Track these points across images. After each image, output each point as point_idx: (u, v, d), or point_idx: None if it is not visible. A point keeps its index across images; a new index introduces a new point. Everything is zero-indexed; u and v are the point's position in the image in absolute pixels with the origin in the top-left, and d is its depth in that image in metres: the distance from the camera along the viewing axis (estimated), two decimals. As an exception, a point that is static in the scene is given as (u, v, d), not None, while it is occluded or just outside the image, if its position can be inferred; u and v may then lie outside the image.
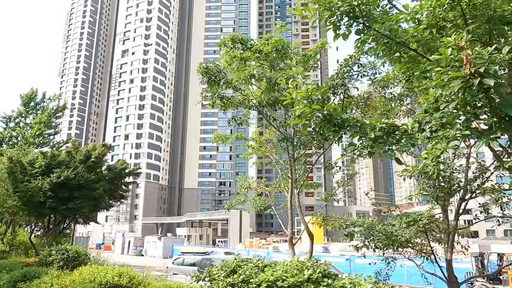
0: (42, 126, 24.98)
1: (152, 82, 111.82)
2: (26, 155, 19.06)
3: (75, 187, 18.11)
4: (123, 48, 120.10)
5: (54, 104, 27.62)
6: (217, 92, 12.27)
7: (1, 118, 26.44)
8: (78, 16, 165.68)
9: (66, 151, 19.15)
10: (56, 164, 18.17)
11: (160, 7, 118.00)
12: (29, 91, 26.79)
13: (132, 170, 23.26)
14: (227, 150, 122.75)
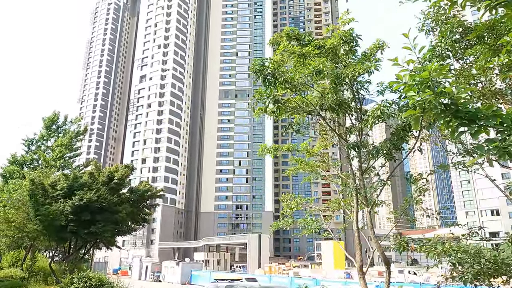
0: (64, 148, 24.84)
1: (169, 106, 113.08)
2: (48, 177, 18.67)
3: (97, 210, 17.55)
4: (141, 73, 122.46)
5: (75, 127, 27.60)
6: (271, 95, 10.60)
7: (24, 141, 26.49)
8: (98, 44, 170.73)
9: (89, 173, 18.73)
10: (78, 186, 17.73)
11: (177, 33, 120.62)
12: (52, 114, 26.90)
13: (155, 192, 22.64)
14: (244, 172, 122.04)
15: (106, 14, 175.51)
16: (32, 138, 26.71)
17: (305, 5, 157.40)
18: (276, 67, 10.38)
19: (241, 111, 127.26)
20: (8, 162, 26.18)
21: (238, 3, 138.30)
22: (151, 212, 24.47)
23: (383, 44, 11.34)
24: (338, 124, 12.54)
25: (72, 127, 27.28)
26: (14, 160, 25.93)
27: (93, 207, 17.00)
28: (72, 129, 27.10)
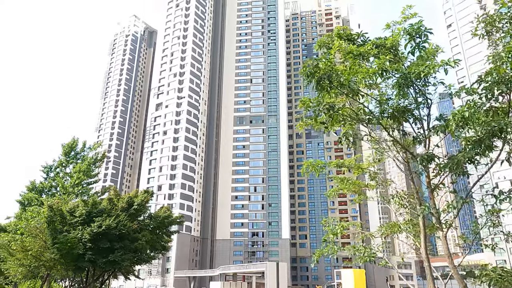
0: (82, 175, 24.68)
1: (184, 133, 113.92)
2: (66, 203, 18.32)
3: (116, 238, 16.99)
4: (157, 101, 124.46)
5: (94, 153, 27.55)
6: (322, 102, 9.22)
7: (43, 167, 26.48)
8: (116, 74, 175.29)
9: (108, 198, 18.28)
10: (97, 212, 17.28)
11: (192, 62, 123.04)
12: (71, 141, 26.97)
13: (174, 218, 22.00)
14: (259, 199, 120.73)
15: (124, 45, 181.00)
16: (51, 164, 26.72)
17: (317, 32, 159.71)
18: (332, 68, 9.14)
19: (256, 137, 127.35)
20: (27, 189, 26.17)
21: (252, 31, 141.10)
22: (171, 240, 23.79)
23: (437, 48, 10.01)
24: (403, 134, 10.86)
25: (90, 153, 27.32)
26: (33, 187, 25.89)
27: (112, 234, 16.44)
28: (90, 155, 27.11)
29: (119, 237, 16.62)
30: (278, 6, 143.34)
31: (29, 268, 19.35)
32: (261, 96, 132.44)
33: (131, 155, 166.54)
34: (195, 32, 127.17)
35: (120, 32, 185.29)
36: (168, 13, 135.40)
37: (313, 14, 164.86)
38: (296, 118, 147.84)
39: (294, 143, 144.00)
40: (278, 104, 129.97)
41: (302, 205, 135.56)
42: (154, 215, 19.96)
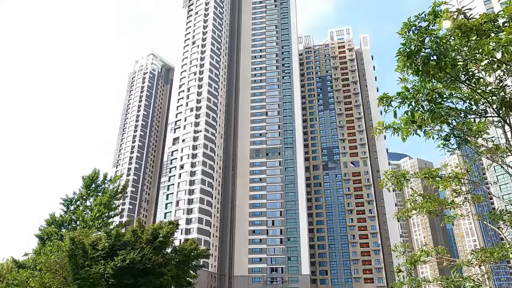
0: (102, 207, 24.00)
1: (201, 167, 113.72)
2: (88, 236, 17.48)
3: (140, 273, 15.94)
4: (174, 136, 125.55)
5: (114, 185, 27.02)
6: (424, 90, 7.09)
7: (63, 200, 25.97)
8: (133, 110, 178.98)
9: (132, 230, 17.41)
10: (121, 245, 16.37)
11: (209, 96, 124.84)
12: (92, 173, 26.58)
13: (202, 252, 20.85)
14: (278, 233, 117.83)
15: (142, 83, 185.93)
16: (71, 197, 26.21)
17: (331, 64, 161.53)
18: (442, 44, 7.10)
19: (273, 169, 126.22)
20: (46, 223, 25.54)
21: (267, 65, 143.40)
22: (197, 275, 22.50)
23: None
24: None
25: (111, 186, 26.83)
26: (52, 220, 25.24)
27: (136, 269, 15.40)
28: (111, 188, 26.61)
29: (144, 272, 15.55)
30: (292, 40, 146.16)
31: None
32: (277, 129, 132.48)
33: (147, 190, 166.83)
34: (211, 68, 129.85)
35: (139, 69, 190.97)
36: (184, 50, 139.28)
37: (326, 47, 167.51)
38: (312, 150, 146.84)
39: (311, 175, 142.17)
40: (294, 136, 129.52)
41: (322, 239, 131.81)
42: (179, 248, 18.85)
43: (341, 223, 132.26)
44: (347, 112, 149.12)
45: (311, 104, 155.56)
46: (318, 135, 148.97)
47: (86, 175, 26.31)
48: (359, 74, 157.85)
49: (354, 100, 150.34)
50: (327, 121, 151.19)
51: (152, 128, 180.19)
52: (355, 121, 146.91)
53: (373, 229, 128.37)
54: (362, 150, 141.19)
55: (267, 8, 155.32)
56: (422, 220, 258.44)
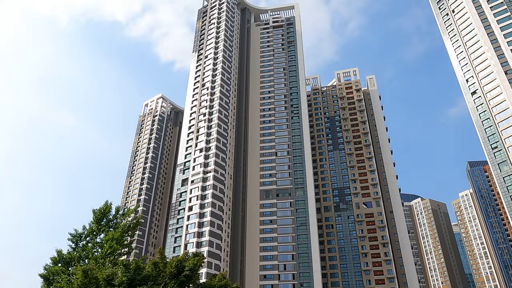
0: (114, 243, 21.91)
1: (211, 208, 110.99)
2: (101, 270, 15.33)
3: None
4: (183, 177, 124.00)
5: (126, 220, 25.11)
6: None
7: (72, 236, 23.96)
8: (142, 153, 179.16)
9: (153, 263, 15.29)
10: (141, 279, 14.27)
11: (218, 137, 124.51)
12: (103, 206, 24.74)
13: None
14: (290, 278, 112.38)
15: (151, 125, 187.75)
16: (81, 232, 24.16)
17: (339, 105, 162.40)
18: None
19: (283, 211, 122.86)
20: (52, 261, 23.27)
21: (275, 106, 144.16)
22: None
23: None
24: None
25: (123, 220, 24.90)
26: (59, 258, 22.96)
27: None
28: (123, 222, 24.66)
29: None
30: (300, 80, 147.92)
31: None
32: (287, 169, 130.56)
33: (154, 234, 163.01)
34: (220, 109, 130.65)
35: (148, 112, 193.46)
36: (194, 92, 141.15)
37: (333, 88, 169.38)
38: (323, 190, 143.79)
39: (322, 217, 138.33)
40: (304, 176, 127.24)
41: (336, 284, 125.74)
42: (207, 284, 16.50)
43: (355, 267, 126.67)
44: (357, 152, 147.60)
45: (320, 144, 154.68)
46: (329, 175, 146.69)
47: (97, 209, 24.36)
48: (367, 114, 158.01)
49: (363, 140, 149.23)
50: (337, 161, 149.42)
51: (161, 170, 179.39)
52: (365, 160, 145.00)
53: (390, 274, 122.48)
54: (374, 191, 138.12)
55: (275, 51, 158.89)
56: (439, 264, 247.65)
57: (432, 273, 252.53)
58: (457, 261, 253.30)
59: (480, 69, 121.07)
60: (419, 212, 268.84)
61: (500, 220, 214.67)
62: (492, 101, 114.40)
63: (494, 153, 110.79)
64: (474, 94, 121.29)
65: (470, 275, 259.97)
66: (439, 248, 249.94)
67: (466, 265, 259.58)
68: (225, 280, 16.58)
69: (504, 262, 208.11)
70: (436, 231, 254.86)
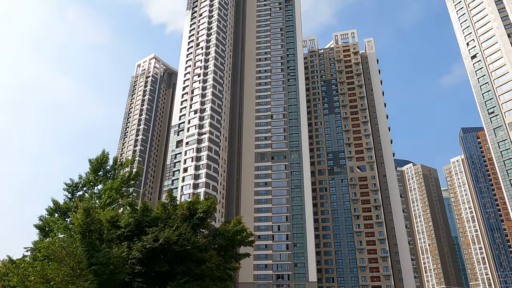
0: (113, 193, 20.65)
1: (205, 170, 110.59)
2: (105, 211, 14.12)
3: (175, 258, 12.55)
4: (177, 139, 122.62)
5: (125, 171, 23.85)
6: None
7: (67, 186, 22.69)
8: (135, 114, 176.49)
9: (161, 204, 14.05)
10: (150, 221, 13.02)
11: (213, 98, 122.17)
12: (100, 155, 23.34)
13: (247, 235, 17.33)
14: (283, 238, 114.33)
15: (144, 87, 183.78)
16: (77, 182, 22.80)
17: (335, 68, 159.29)
18: None
19: (278, 174, 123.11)
20: (48, 212, 22.10)
21: (271, 68, 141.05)
22: (239, 267, 19.08)
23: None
24: None
25: (121, 171, 23.66)
26: (56, 207, 21.76)
27: (172, 252, 12.05)
28: (121, 173, 23.42)
29: (180, 257, 12.19)
30: (297, 43, 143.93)
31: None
32: (283, 132, 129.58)
33: (149, 195, 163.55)
34: (216, 70, 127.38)
35: (141, 73, 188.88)
36: (188, 52, 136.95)
37: (330, 51, 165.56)
38: (317, 154, 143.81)
39: (316, 180, 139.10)
40: (300, 139, 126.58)
41: (328, 245, 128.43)
42: (220, 230, 15.40)
43: (347, 229, 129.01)
44: (352, 116, 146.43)
45: (316, 108, 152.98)
46: (324, 139, 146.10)
47: (94, 158, 22.89)
48: (364, 78, 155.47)
49: (359, 104, 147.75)
50: (332, 125, 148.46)
51: (154, 132, 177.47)
52: (361, 125, 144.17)
53: (381, 235, 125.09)
54: (369, 155, 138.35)
55: (272, 11, 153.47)
56: (427, 227, 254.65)
57: (420, 235, 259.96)
58: (445, 225, 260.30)
59: (481, 32, 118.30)
60: (410, 177, 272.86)
61: (489, 185, 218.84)
62: (492, 65, 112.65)
63: (490, 118, 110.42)
64: (474, 58, 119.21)
65: (456, 238, 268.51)
66: (428, 212, 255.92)
67: (453, 229, 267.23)
68: (241, 225, 15.58)
69: (490, 226, 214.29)
70: (426, 195, 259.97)
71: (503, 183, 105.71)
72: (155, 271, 11.88)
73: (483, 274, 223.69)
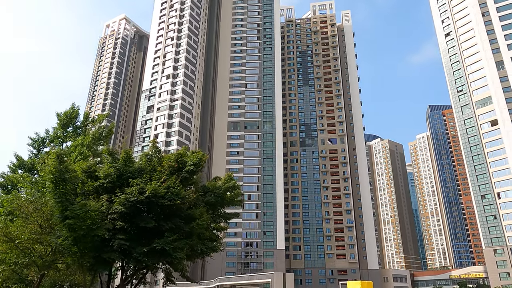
0: (85, 149, 18.89)
1: (177, 137, 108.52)
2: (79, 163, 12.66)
3: (163, 214, 11.43)
4: (148, 104, 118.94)
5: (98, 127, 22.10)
6: None
7: (32, 141, 20.67)
8: (104, 78, 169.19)
9: (145, 155, 12.76)
10: (133, 172, 11.76)
11: (186, 63, 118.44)
12: (69, 109, 21.31)
13: (238, 193, 16.38)
14: (254, 207, 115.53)
15: (113, 49, 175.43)
16: (43, 137, 20.67)
17: (312, 39, 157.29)
18: None
19: (251, 143, 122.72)
20: (10, 169, 20.01)
21: (247, 35, 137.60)
22: (227, 227, 18.32)
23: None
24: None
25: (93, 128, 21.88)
26: (19, 163, 19.71)
27: (159, 207, 10.93)
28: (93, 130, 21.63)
29: (168, 214, 11.11)
30: (274, 11, 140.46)
31: (15, 267, 13.09)
32: (256, 102, 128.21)
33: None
34: (190, 34, 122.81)
35: (110, 34, 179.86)
36: (161, 14, 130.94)
37: (307, 21, 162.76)
38: (290, 125, 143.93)
39: (288, 151, 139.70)
40: (273, 110, 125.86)
41: (296, 215, 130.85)
42: (210, 186, 14.33)
43: (316, 200, 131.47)
44: (326, 89, 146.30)
45: (290, 79, 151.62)
46: (297, 110, 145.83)
47: (63, 112, 20.78)
48: (339, 51, 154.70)
49: (334, 77, 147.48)
50: (306, 97, 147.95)
51: (124, 97, 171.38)
52: (334, 98, 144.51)
53: (348, 206, 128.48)
54: (340, 128, 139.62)
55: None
56: (390, 200, 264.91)
57: (383, 207, 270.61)
58: (407, 198, 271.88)
59: (457, 10, 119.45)
60: (377, 152, 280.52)
61: (451, 161, 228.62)
62: (464, 44, 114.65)
63: (459, 96, 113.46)
64: (447, 36, 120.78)
65: (416, 211, 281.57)
66: (392, 186, 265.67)
67: (414, 202, 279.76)
68: (233, 182, 14.60)
69: (449, 200, 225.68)
70: (391, 170, 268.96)
71: (466, 158, 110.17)
72: (139, 227, 10.82)
73: (439, 245, 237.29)
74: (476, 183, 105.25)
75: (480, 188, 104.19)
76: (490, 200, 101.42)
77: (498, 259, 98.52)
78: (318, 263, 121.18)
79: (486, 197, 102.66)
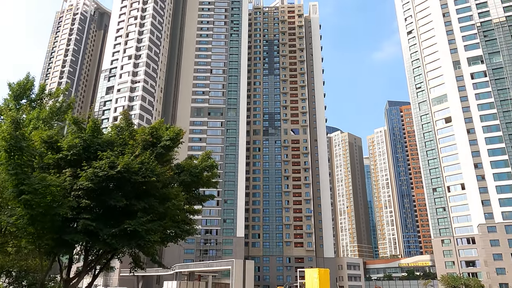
0: (40, 123, 17.08)
1: (138, 120, 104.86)
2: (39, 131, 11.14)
3: (134, 192, 10.32)
4: (108, 85, 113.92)
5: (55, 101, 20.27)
6: None
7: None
8: (60, 55, 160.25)
9: (115, 127, 11.51)
10: (102, 144, 10.51)
11: (150, 44, 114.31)
12: (23, 79, 19.17)
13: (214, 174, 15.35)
14: (214, 194, 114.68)
15: (71, 25, 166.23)
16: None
17: (279, 28, 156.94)
18: None
19: (214, 130, 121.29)
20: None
21: (214, 20, 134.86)
22: (201, 210, 17.20)
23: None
24: None
25: (50, 102, 20.00)
26: None
27: (130, 184, 9.78)
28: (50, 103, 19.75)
29: (140, 192, 9.99)
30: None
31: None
32: (221, 88, 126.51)
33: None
34: (154, 14, 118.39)
35: (68, 9, 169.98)
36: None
37: (275, 10, 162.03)
38: (254, 114, 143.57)
39: (251, 140, 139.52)
40: (238, 97, 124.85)
41: (257, 203, 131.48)
42: (185, 165, 13.24)
43: (276, 189, 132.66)
44: (291, 79, 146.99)
45: (256, 67, 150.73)
46: (261, 99, 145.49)
47: (16, 82, 18.54)
48: (306, 42, 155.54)
49: (299, 68, 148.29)
50: (270, 86, 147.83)
51: (81, 76, 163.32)
52: (298, 88, 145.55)
53: (307, 196, 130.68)
54: (303, 118, 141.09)
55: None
56: (347, 191, 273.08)
57: (340, 198, 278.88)
58: (362, 189, 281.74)
59: (420, 9, 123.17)
60: (337, 144, 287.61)
61: (405, 156, 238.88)
62: (425, 43, 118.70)
63: (417, 92, 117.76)
64: (409, 34, 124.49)
65: (370, 202, 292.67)
66: (349, 177, 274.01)
67: (369, 193, 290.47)
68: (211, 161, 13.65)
69: (402, 192, 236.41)
70: (349, 162, 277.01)
71: (420, 153, 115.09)
72: (107, 206, 9.68)
73: (390, 235, 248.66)
74: (428, 177, 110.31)
75: (432, 182, 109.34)
76: (441, 193, 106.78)
77: (445, 248, 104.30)
78: (276, 251, 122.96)
79: (437, 190, 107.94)
